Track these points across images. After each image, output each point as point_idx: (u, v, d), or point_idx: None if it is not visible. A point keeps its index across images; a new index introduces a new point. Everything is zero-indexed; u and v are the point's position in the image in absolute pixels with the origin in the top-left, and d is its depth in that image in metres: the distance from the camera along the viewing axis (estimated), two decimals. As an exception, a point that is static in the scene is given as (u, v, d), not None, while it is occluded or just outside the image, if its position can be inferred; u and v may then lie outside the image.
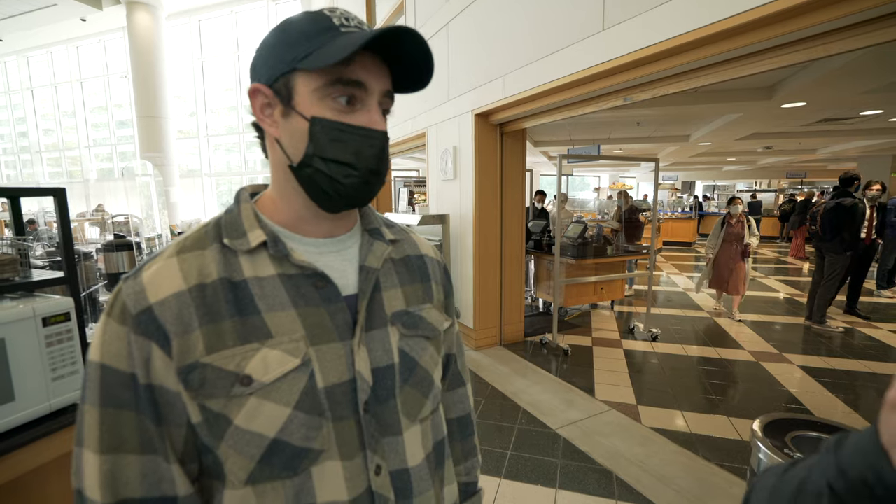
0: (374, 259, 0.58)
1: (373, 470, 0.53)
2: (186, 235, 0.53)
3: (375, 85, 0.51)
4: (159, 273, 0.48)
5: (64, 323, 1.12)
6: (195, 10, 12.05)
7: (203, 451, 0.49)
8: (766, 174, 16.60)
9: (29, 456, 1.06)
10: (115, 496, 0.45)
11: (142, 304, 0.47)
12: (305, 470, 0.49)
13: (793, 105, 5.05)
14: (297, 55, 0.48)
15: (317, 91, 0.49)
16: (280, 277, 0.51)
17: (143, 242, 3.58)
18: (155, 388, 0.46)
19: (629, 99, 2.72)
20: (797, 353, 3.97)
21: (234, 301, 0.49)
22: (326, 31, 0.48)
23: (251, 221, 0.53)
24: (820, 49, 1.85)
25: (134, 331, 0.46)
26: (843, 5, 1.61)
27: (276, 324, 0.50)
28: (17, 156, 16.24)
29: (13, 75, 15.38)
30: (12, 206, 1.29)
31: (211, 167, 13.37)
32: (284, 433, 0.48)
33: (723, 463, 2.37)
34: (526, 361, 3.83)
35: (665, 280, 7.37)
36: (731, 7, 1.81)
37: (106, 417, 0.46)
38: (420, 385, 0.59)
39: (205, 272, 0.49)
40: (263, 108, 0.52)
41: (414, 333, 0.60)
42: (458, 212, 4.20)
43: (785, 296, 6.25)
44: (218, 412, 0.47)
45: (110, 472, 0.45)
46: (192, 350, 0.47)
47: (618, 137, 8.58)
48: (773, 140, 8.33)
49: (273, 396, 0.47)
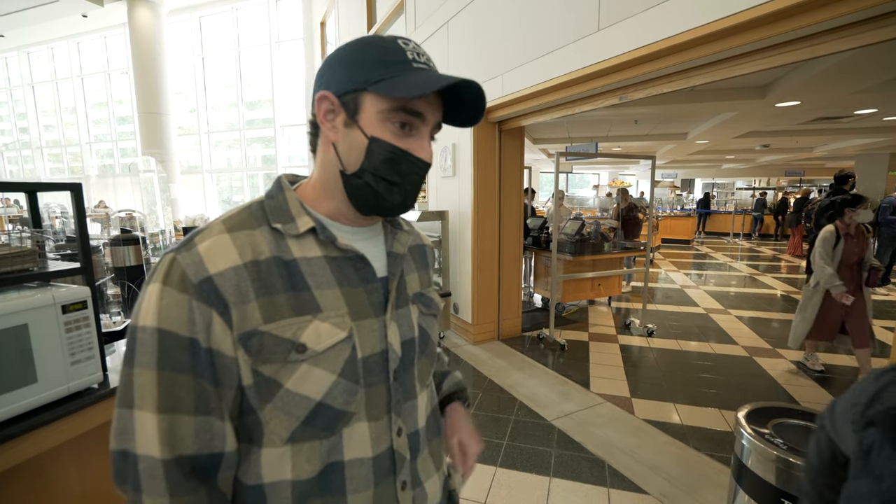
0: (399, 246, 0.67)
1: (395, 431, 0.60)
2: (230, 215, 0.57)
3: (431, 117, 0.58)
4: (214, 247, 0.53)
5: (81, 311, 1.18)
6: (196, 6, 12.06)
7: (245, 412, 0.54)
8: (765, 172, 16.64)
9: (49, 435, 1.13)
10: (173, 452, 0.49)
11: (202, 274, 0.51)
12: (339, 431, 0.56)
13: (787, 104, 5.10)
14: (371, 78, 0.54)
15: (381, 113, 0.55)
16: (325, 259, 0.58)
17: (148, 238, 3.64)
18: (214, 353, 0.51)
19: (625, 98, 2.78)
20: (790, 349, 4.04)
21: (288, 277, 0.55)
22: (401, 63, 0.55)
23: (298, 209, 0.59)
24: (806, 51, 1.91)
25: (196, 298, 0.50)
26: (831, 7, 1.66)
27: (324, 299, 0.56)
28: (19, 151, 16.27)
29: (14, 71, 15.39)
30: (30, 201, 1.36)
31: (212, 163, 13.40)
32: (328, 397, 0.54)
33: (712, 453, 2.44)
34: (523, 356, 3.90)
35: (663, 277, 7.44)
36: (723, 9, 1.87)
37: (164, 379, 0.49)
38: (431, 355, 0.69)
39: (258, 250, 0.54)
40: (327, 113, 0.58)
41: (428, 312, 0.69)
42: (456, 208, 4.26)
43: (781, 293, 6.32)
44: (269, 376, 0.52)
45: (169, 430, 0.49)
46: (251, 319, 0.51)
47: (616, 135, 8.64)
48: (770, 138, 8.38)
49: (322, 364, 0.54)
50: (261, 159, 13.11)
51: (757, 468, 1.49)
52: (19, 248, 1.23)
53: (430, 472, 0.67)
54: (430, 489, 0.66)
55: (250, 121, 12.78)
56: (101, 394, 1.23)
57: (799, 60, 1.98)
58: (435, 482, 0.68)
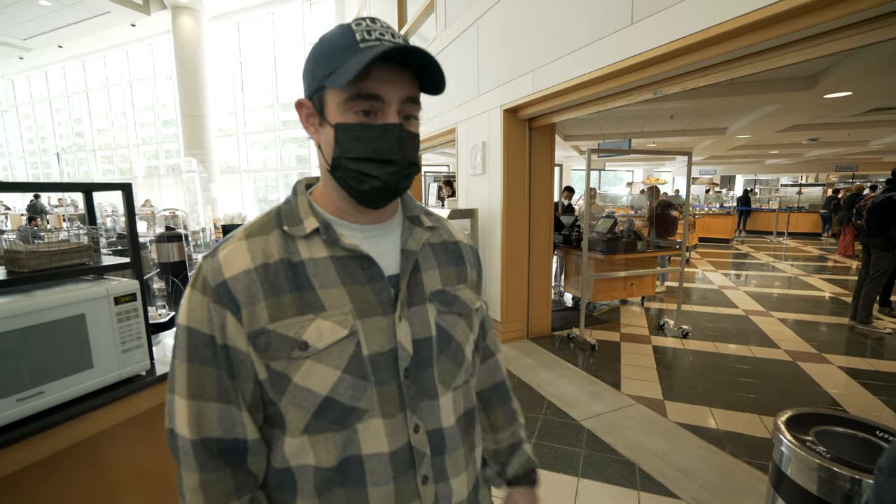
0: (413, 243, 0.66)
1: (411, 428, 0.61)
2: (252, 222, 0.62)
3: (392, 95, 0.56)
4: (232, 253, 0.58)
5: (131, 302, 1.26)
6: (234, 11, 12.53)
7: (268, 403, 0.59)
8: (813, 167, 15.70)
9: (103, 417, 1.21)
10: (200, 434, 0.55)
11: (219, 279, 0.56)
12: (352, 426, 0.57)
13: (837, 95, 4.80)
14: (325, 73, 0.55)
15: (340, 105, 0.56)
16: (331, 259, 0.59)
17: (190, 235, 3.81)
18: (229, 349, 0.56)
19: (659, 92, 2.70)
20: (838, 354, 3.82)
21: (293, 278, 0.57)
22: (348, 48, 0.54)
23: (306, 210, 0.62)
24: (858, 38, 1.80)
25: (213, 300, 0.56)
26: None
27: (328, 298, 0.58)
28: (75, 154, 17.39)
29: (71, 79, 16.46)
30: (86, 200, 1.46)
31: (249, 163, 13.90)
32: (334, 392, 0.56)
33: (750, 459, 2.34)
34: (552, 355, 3.86)
35: (700, 277, 7.18)
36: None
37: (192, 370, 0.56)
38: (454, 356, 0.67)
39: (268, 253, 0.58)
40: (308, 118, 0.61)
41: (449, 310, 0.67)
42: (486, 206, 4.25)
43: (830, 295, 5.97)
44: (280, 371, 0.56)
45: (196, 415, 0.55)
46: (259, 318, 0.55)
47: (650, 131, 8.38)
48: (818, 132, 7.93)
49: (325, 360, 0.56)
50: (295, 159, 13.50)
51: (797, 476, 1.43)
52: (78, 243, 1.33)
53: (460, 471, 0.67)
54: (456, 486, 0.66)
55: (285, 121, 13.17)
56: (148, 380, 1.31)
57: (851, 48, 1.87)
58: (463, 480, 0.68)
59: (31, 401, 1.06)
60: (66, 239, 1.39)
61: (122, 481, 1.38)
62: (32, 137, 18.71)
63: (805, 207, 13.95)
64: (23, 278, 1.16)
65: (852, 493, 1.29)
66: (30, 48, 13.75)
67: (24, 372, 1.05)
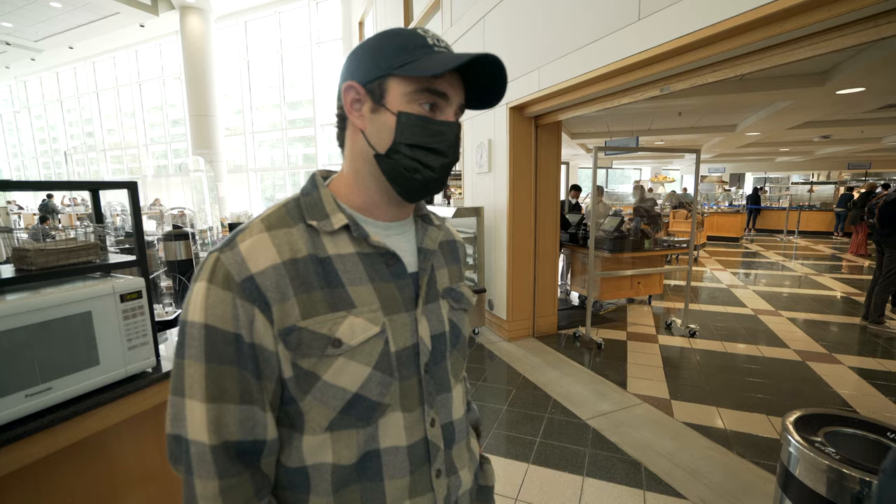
0: (430, 242, 0.67)
1: (428, 422, 0.62)
2: (269, 213, 0.59)
3: (455, 98, 0.59)
4: (255, 247, 0.55)
5: (137, 300, 1.27)
6: (241, 11, 12.59)
7: (287, 402, 0.57)
8: (825, 165, 15.49)
9: (110, 413, 1.22)
10: (220, 438, 0.52)
11: (245, 273, 0.53)
12: (375, 422, 0.58)
13: (850, 91, 4.72)
14: (394, 63, 0.56)
15: (407, 95, 0.56)
16: (358, 255, 0.59)
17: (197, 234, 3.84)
18: (257, 347, 0.53)
19: (666, 89, 2.67)
20: (850, 354, 3.77)
21: (323, 274, 0.57)
22: (422, 48, 0.57)
23: (332, 205, 0.61)
24: (873, 31, 1.76)
25: (239, 296, 0.52)
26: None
27: (358, 295, 0.58)
28: (85, 154, 17.61)
29: (81, 80, 16.66)
30: (93, 199, 1.47)
31: (256, 162, 13.98)
32: (364, 389, 0.56)
33: (758, 460, 2.32)
34: (558, 353, 3.85)
35: (708, 276, 7.11)
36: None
37: (211, 372, 0.52)
38: (462, 349, 0.70)
39: (295, 248, 0.56)
40: (353, 102, 0.60)
41: (458, 306, 0.70)
42: (492, 204, 4.24)
43: (842, 294, 5.89)
44: (308, 370, 0.55)
45: (216, 418, 0.52)
46: (290, 315, 0.54)
47: (658, 128, 8.31)
48: (830, 128, 7.81)
49: (357, 357, 0.56)
50: (302, 158, 13.55)
51: (805, 478, 1.41)
52: (84, 241, 1.34)
53: (465, 462, 0.70)
54: (464, 477, 0.69)
55: (292, 120, 13.23)
56: (154, 377, 1.32)
57: (865, 42, 1.83)
58: (468, 471, 0.71)
59: (39, 396, 1.07)
60: (73, 237, 1.41)
61: (128, 477, 1.40)
62: (44, 138, 18.97)
63: (816, 206, 13.77)
64: (31, 276, 1.17)
65: (862, 495, 1.27)
66: (41, 50, 13.92)
67: (33, 368, 1.06)
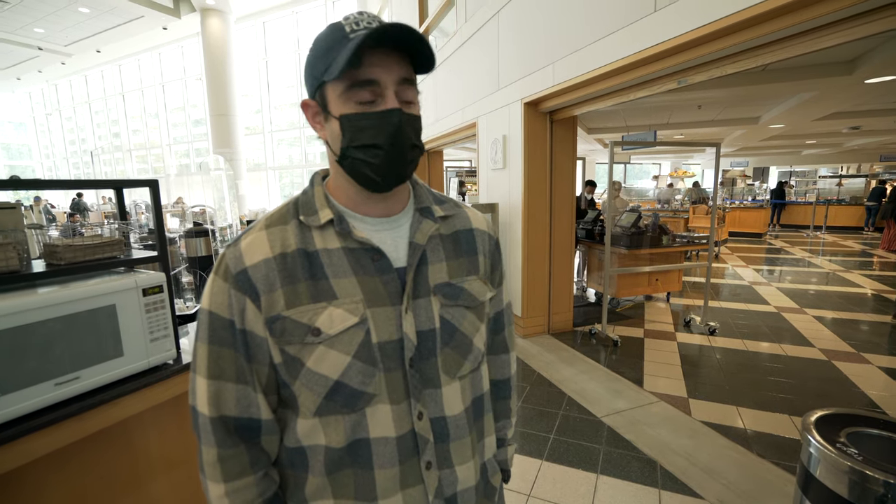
0: (420, 236, 0.66)
1: (415, 415, 0.63)
2: (272, 212, 0.65)
3: (387, 77, 0.57)
4: (253, 243, 0.61)
5: (159, 294, 1.32)
6: (260, 12, 12.78)
7: (282, 386, 0.63)
8: (855, 157, 14.89)
9: (133, 403, 1.27)
10: (218, 412, 0.60)
11: (239, 267, 0.60)
12: (361, 409, 0.60)
13: (880, 80, 4.52)
14: (321, 69, 0.57)
15: (340, 96, 0.57)
16: (344, 250, 0.62)
17: (217, 231, 3.93)
18: (247, 333, 0.60)
19: (684, 82, 2.62)
20: (879, 354, 3.64)
21: (308, 267, 0.60)
22: (340, 42, 0.55)
23: (322, 202, 0.64)
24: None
25: (233, 287, 0.59)
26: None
27: (341, 288, 0.60)
28: (112, 154, 18.18)
29: (108, 82, 17.19)
30: (117, 196, 1.53)
31: (275, 160, 14.21)
32: (345, 377, 0.59)
33: (779, 461, 2.26)
34: (574, 350, 3.82)
35: (730, 273, 6.94)
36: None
37: (212, 352, 0.60)
38: (459, 348, 0.67)
39: (286, 243, 0.61)
40: (314, 116, 0.63)
41: (454, 303, 0.67)
42: (507, 201, 4.23)
43: (872, 292, 5.68)
44: (294, 356, 0.59)
45: (214, 394, 0.60)
46: (276, 305, 0.59)
47: (677, 122, 8.12)
48: (859, 119, 7.51)
49: (336, 346, 0.59)
50: (319, 156, 13.71)
51: (826, 479, 1.38)
52: (109, 238, 1.39)
53: (466, 458, 0.68)
54: (461, 474, 0.68)
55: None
56: (175, 369, 1.37)
57: (894, 28, 1.76)
58: (470, 468, 0.69)
59: (67, 385, 1.12)
60: (99, 234, 1.46)
61: (151, 463, 1.45)
62: (74, 139, 19.66)
63: (845, 200, 13.27)
64: (60, 270, 1.23)
65: (886, 498, 1.23)
66: (71, 54, 14.41)
67: (61, 358, 1.11)
